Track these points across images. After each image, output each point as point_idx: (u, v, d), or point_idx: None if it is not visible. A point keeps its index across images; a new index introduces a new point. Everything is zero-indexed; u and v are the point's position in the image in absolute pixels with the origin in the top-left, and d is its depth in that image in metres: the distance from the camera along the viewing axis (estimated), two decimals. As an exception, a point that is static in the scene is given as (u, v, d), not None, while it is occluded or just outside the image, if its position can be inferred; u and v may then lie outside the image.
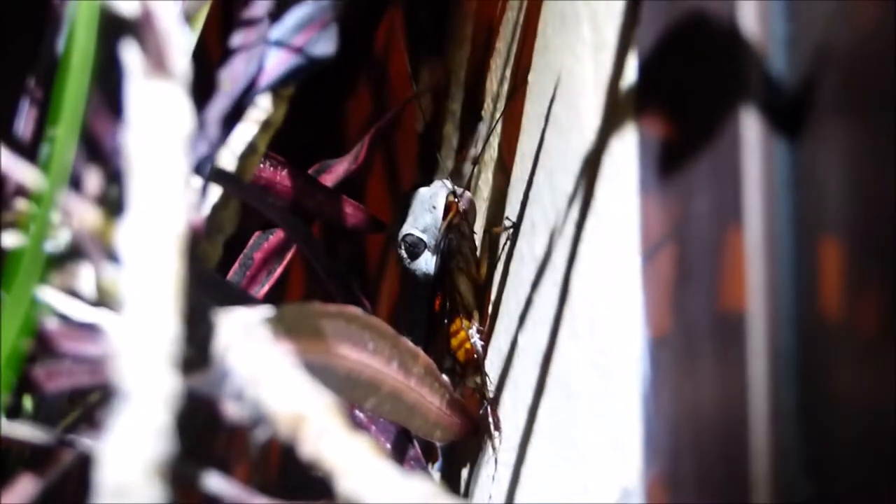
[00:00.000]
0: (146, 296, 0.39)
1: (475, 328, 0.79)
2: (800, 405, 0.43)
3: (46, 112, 0.43)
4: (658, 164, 0.52)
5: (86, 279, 0.46)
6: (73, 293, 0.46)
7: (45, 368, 0.48)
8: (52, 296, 0.46)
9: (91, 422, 0.51)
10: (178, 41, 0.42)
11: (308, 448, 0.41)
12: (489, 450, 0.75)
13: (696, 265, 0.49)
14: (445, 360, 0.79)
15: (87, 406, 0.52)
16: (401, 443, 0.74)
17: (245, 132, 0.57)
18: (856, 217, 0.40)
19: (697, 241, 0.49)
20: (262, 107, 0.57)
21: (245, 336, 0.44)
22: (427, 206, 0.80)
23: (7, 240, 0.46)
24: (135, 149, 0.41)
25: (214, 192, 0.57)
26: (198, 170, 0.51)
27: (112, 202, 0.45)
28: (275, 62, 0.55)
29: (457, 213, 0.80)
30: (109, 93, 0.43)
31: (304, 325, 0.51)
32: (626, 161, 0.55)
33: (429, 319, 0.81)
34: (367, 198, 1.11)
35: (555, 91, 0.68)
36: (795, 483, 0.43)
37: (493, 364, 0.77)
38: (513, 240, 0.75)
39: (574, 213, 0.62)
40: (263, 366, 0.43)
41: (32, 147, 0.49)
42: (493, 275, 0.79)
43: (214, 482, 0.45)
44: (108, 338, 0.44)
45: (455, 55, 0.99)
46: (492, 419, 0.75)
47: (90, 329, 0.46)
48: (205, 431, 0.53)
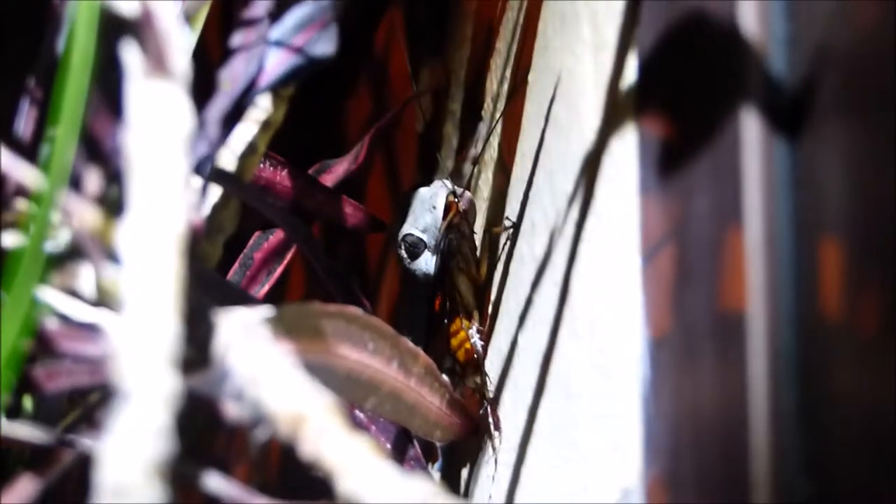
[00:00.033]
0: (146, 296, 0.39)
1: (475, 328, 0.79)
2: (800, 405, 0.43)
3: (46, 112, 0.43)
4: (658, 164, 0.52)
5: (86, 279, 0.46)
6: (73, 293, 0.46)
7: (45, 368, 0.48)
8: (52, 296, 0.46)
9: (91, 422, 0.51)
10: (178, 41, 0.42)
11: (308, 448, 0.41)
12: (489, 450, 0.75)
13: (696, 265, 0.49)
14: (445, 360, 0.79)
15: (87, 406, 0.52)
16: (401, 443, 0.74)
17: (245, 132, 0.57)
18: (856, 217, 0.40)
19: (697, 242, 0.49)
20: (262, 107, 0.57)
21: (245, 336, 0.44)
22: (427, 206, 0.80)
23: (7, 240, 0.46)
24: (135, 149, 0.41)
25: (214, 192, 0.57)
26: (198, 170, 0.51)
27: (112, 202, 0.45)
28: (275, 62, 0.55)
29: (457, 213, 0.79)
30: (109, 93, 0.43)
31: (304, 325, 0.51)
32: (626, 161, 0.55)
33: (429, 319, 0.81)
34: (367, 198, 1.11)
35: (555, 91, 0.68)
36: (795, 483, 0.43)
37: (493, 364, 0.77)
38: (513, 240, 0.75)
39: (574, 214, 0.62)
40: (263, 366, 0.43)
41: (32, 147, 0.49)
42: (493, 275, 0.79)
43: (214, 482, 0.45)
44: (108, 338, 0.44)
45: (455, 55, 0.99)
46: (492, 419, 0.75)
47: (90, 329, 0.46)
48: (205, 431, 0.53)
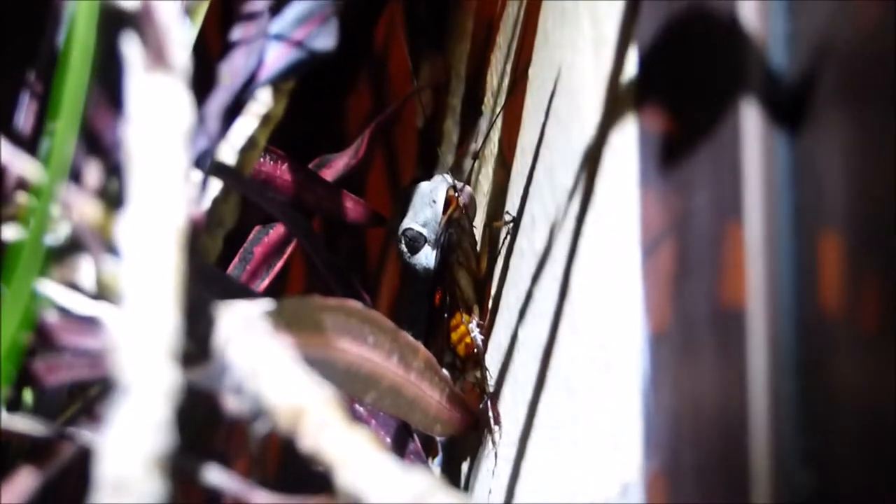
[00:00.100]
0: (146, 289, 0.39)
1: (475, 323, 0.79)
2: (799, 400, 0.43)
3: (47, 106, 0.43)
4: (658, 159, 0.52)
5: (86, 272, 0.46)
6: (73, 286, 0.46)
7: (45, 362, 0.48)
8: (52, 289, 0.46)
9: (91, 415, 0.51)
10: (179, 35, 0.42)
11: (308, 442, 0.41)
12: (489, 444, 0.75)
13: (697, 260, 0.49)
14: (445, 355, 0.79)
15: (87, 399, 0.52)
16: (401, 437, 0.74)
17: (245, 126, 0.57)
18: (856, 212, 0.40)
19: (697, 236, 0.49)
20: (263, 101, 0.57)
21: (245, 330, 0.44)
22: (427, 201, 0.80)
23: (7, 233, 0.46)
24: (135, 142, 0.41)
25: (214, 186, 0.57)
26: (198, 164, 0.51)
27: (112, 196, 0.45)
28: (275, 56, 0.55)
29: (457, 208, 0.79)
30: (109, 87, 0.43)
31: (305, 319, 0.51)
32: (627, 156, 0.55)
33: (429, 314, 0.81)
34: (368, 192, 1.11)
35: (555, 86, 0.68)
36: (795, 478, 0.43)
37: (493, 359, 0.77)
38: (513, 234, 0.75)
39: (574, 208, 0.62)
40: (263, 359, 0.43)
41: (33, 141, 0.49)
42: (494, 269, 0.79)
43: (214, 476, 0.45)
44: (108, 331, 0.44)
45: (455, 50, 0.99)
46: (492, 414, 0.75)
47: (90, 322, 0.46)
48: (205, 425, 0.53)
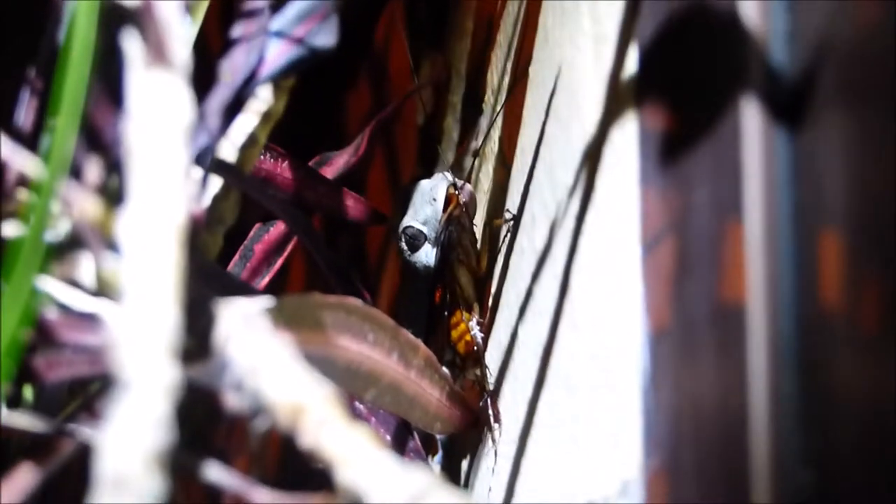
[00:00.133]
0: (146, 286, 0.39)
1: (475, 320, 0.79)
2: (799, 398, 0.43)
3: (47, 102, 0.43)
4: (658, 157, 0.52)
5: (86, 269, 0.46)
6: (73, 283, 0.46)
7: (46, 358, 0.48)
8: (52, 285, 0.46)
9: (91, 412, 0.51)
10: (179, 31, 0.42)
11: (308, 439, 0.41)
12: (489, 442, 0.75)
13: (697, 257, 0.49)
14: (445, 353, 0.79)
15: (88, 396, 0.52)
16: (401, 435, 0.74)
17: (245, 123, 0.57)
18: (856, 209, 0.40)
19: (698, 234, 0.49)
20: (263, 98, 0.57)
21: (245, 327, 0.44)
22: (427, 199, 0.80)
23: (7, 229, 0.46)
24: (135, 139, 0.41)
25: (215, 184, 0.57)
26: (198, 161, 0.51)
27: (112, 192, 0.45)
28: (275, 53, 0.55)
29: (457, 206, 0.79)
30: (110, 83, 0.43)
31: (305, 317, 0.51)
32: (627, 153, 0.55)
33: (429, 311, 0.81)
34: (368, 190, 1.11)
35: (555, 83, 0.68)
36: (795, 475, 0.43)
37: (493, 356, 0.77)
38: (513, 232, 0.75)
39: (574, 206, 0.62)
40: (263, 357, 0.43)
41: (33, 137, 0.49)
42: (494, 267, 0.79)
43: (214, 473, 0.45)
44: (108, 328, 0.44)
45: (456, 48, 0.99)
46: (492, 411, 0.75)
47: (90, 319, 0.46)
48: (205, 422, 0.53)
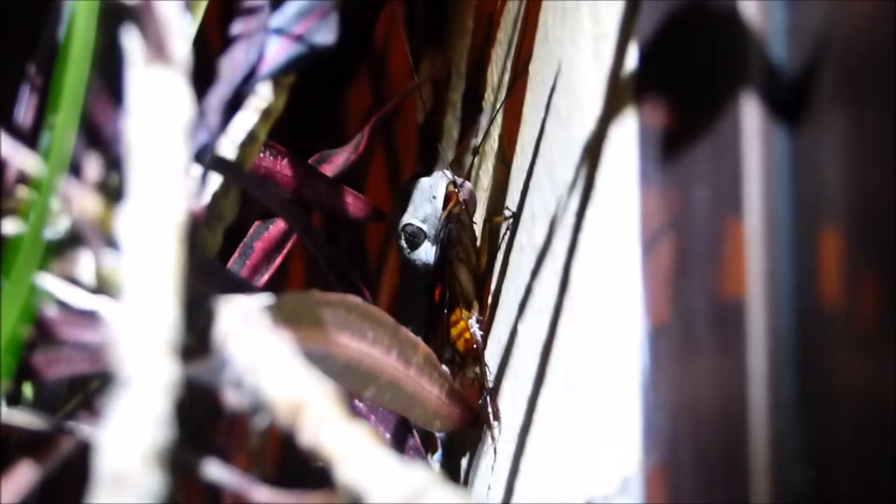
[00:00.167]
0: (146, 283, 0.39)
1: (475, 318, 0.79)
2: (799, 394, 0.43)
3: (47, 99, 0.43)
4: (658, 154, 0.52)
5: (85, 266, 0.46)
6: (73, 280, 0.46)
7: (45, 355, 0.48)
8: (52, 283, 0.46)
9: (91, 409, 0.51)
10: (179, 28, 0.42)
11: (307, 436, 0.41)
12: (489, 440, 0.75)
13: (696, 255, 0.49)
14: (445, 351, 0.79)
15: (87, 393, 0.52)
16: (400, 433, 0.74)
17: (245, 121, 0.57)
18: (855, 206, 0.40)
19: (697, 231, 0.49)
20: (263, 95, 0.57)
21: (245, 324, 0.44)
22: (427, 196, 0.80)
23: (7, 227, 0.46)
24: (135, 136, 0.41)
25: (214, 181, 0.57)
26: (198, 158, 0.51)
27: (112, 189, 0.45)
28: (275, 50, 0.55)
29: (457, 203, 0.79)
30: (110, 80, 0.43)
31: (304, 314, 0.51)
32: (627, 151, 0.55)
33: (428, 309, 0.81)
34: (367, 188, 1.11)
35: (555, 81, 0.68)
36: (794, 471, 0.43)
37: (493, 354, 0.77)
38: (513, 230, 0.75)
39: (574, 203, 0.62)
40: (263, 354, 0.43)
41: (33, 134, 0.49)
42: (493, 265, 0.79)
43: (214, 471, 0.45)
44: (108, 325, 0.44)
45: (456, 45, 0.99)
46: (491, 409, 0.75)
47: (90, 316, 0.46)
48: (204, 420, 0.53)
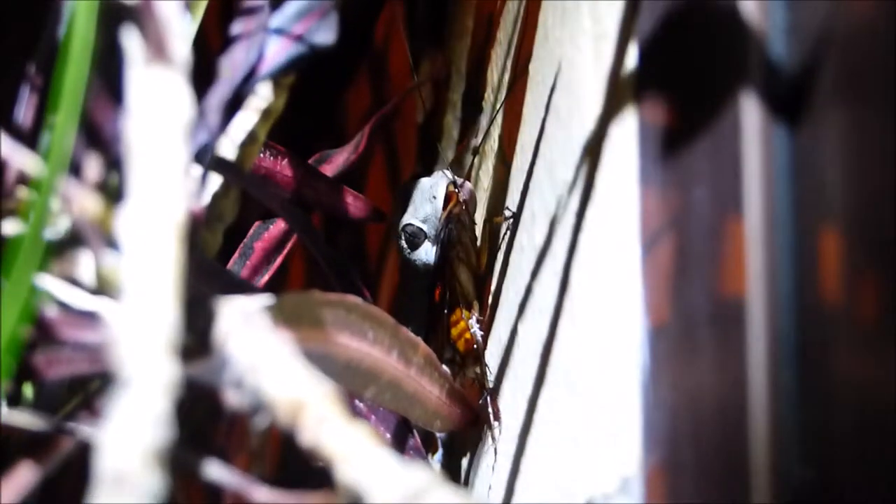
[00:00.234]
0: (146, 283, 0.39)
1: (475, 318, 0.79)
2: (799, 393, 0.43)
3: (47, 99, 0.43)
4: (658, 154, 0.52)
5: (85, 266, 0.46)
6: (73, 281, 0.46)
7: (45, 356, 0.48)
8: (52, 283, 0.46)
9: (91, 409, 0.51)
10: (179, 28, 0.42)
11: (308, 436, 0.41)
12: (489, 440, 0.75)
13: (696, 254, 0.49)
14: (445, 351, 0.79)
15: (87, 394, 0.52)
16: (400, 433, 0.74)
17: (245, 121, 0.57)
18: (855, 204, 0.40)
19: (697, 230, 0.49)
20: (263, 95, 0.57)
21: (245, 324, 0.44)
22: (427, 196, 0.80)
23: (7, 227, 0.46)
24: (135, 136, 0.41)
25: (214, 181, 0.57)
26: (198, 158, 0.51)
27: (112, 189, 0.45)
28: (275, 51, 0.55)
29: (457, 203, 0.79)
30: (110, 80, 0.43)
31: (304, 314, 0.51)
32: (627, 150, 0.55)
33: (429, 309, 0.81)
34: (367, 188, 1.11)
35: (555, 81, 0.68)
36: (794, 470, 0.43)
37: (493, 354, 0.77)
38: (513, 230, 0.75)
39: (574, 203, 0.62)
40: (263, 354, 0.43)
41: (33, 134, 0.49)
42: (494, 265, 0.79)
43: (214, 471, 0.45)
44: (108, 325, 0.44)
45: (456, 45, 0.99)
46: (491, 409, 0.75)
47: (90, 316, 0.46)
48: (205, 420, 0.53)
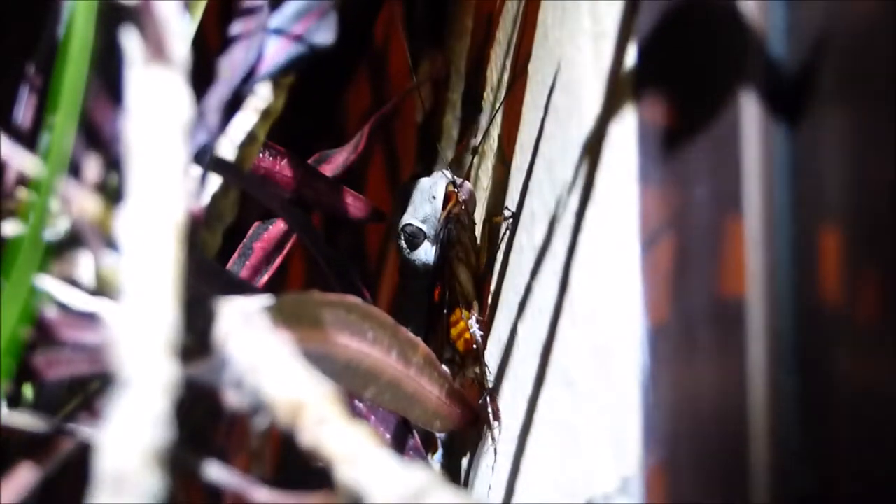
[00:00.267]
0: (145, 284, 0.39)
1: (475, 318, 0.79)
2: (799, 393, 0.43)
3: (46, 100, 0.43)
4: (658, 153, 0.52)
5: (85, 267, 0.46)
6: (73, 281, 0.46)
7: (45, 357, 0.48)
8: (52, 284, 0.46)
9: (91, 410, 0.51)
10: (178, 28, 0.42)
11: (307, 437, 0.41)
12: (489, 440, 0.75)
13: (696, 253, 0.49)
14: (445, 351, 0.79)
15: (87, 394, 0.51)
16: (400, 433, 0.74)
17: (244, 121, 0.57)
18: (855, 204, 0.40)
19: (697, 230, 0.49)
20: (262, 95, 0.57)
21: (245, 325, 0.44)
22: (427, 196, 0.80)
23: (6, 228, 0.46)
24: (134, 136, 0.41)
25: (214, 181, 0.57)
26: (197, 158, 0.51)
27: (111, 190, 0.45)
28: (274, 50, 0.55)
29: (456, 203, 0.79)
30: (109, 80, 0.43)
31: (304, 315, 0.51)
32: (626, 150, 0.55)
33: (428, 309, 0.80)
34: (367, 188, 1.11)
35: (555, 80, 0.68)
36: (794, 470, 0.43)
37: (493, 354, 0.77)
38: (512, 229, 0.75)
39: (574, 202, 0.62)
40: (263, 354, 0.43)
41: (32, 135, 0.49)
42: (493, 265, 0.79)
43: (214, 471, 0.45)
44: (108, 326, 0.44)
45: (455, 45, 0.99)
46: (491, 409, 0.75)
47: (89, 317, 0.46)
48: (204, 420, 0.53)
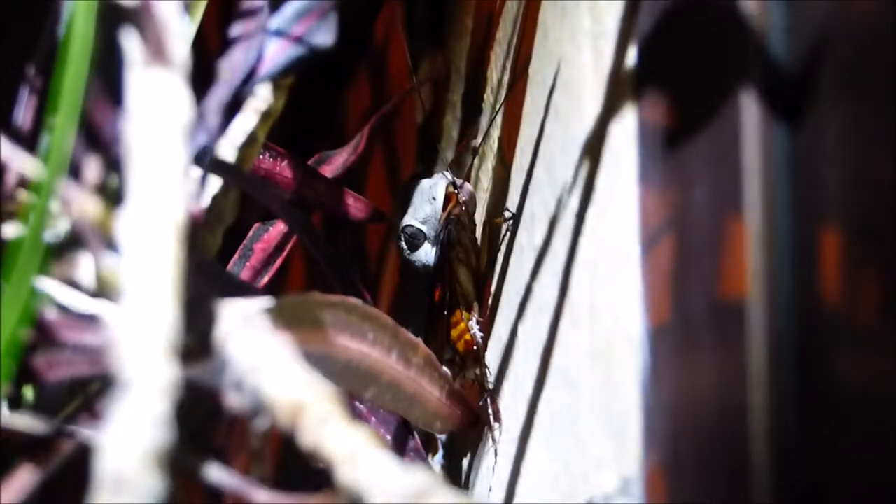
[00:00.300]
0: (146, 285, 0.39)
1: (475, 319, 0.79)
2: (799, 392, 0.43)
3: (46, 101, 0.43)
4: (658, 153, 0.52)
5: (85, 269, 0.46)
6: (73, 283, 0.46)
7: (46, 358, 0.48)
8: (52, 286, 0.46)
9: (91, 411, 0.51)
10: (178, 30, 0.42)
11: (308, 438, 0.41)
12: (489, 441, 0.75)
13: (696, 254, 0.49)
14: (445, 351, 0.79)
15: (87, 396, 0.51)
16: (401, 434, 0.74)
17: (244, 122, 0.57)
18: (855, 204, 0.40)
19: (697, 230, 0.49)
20: (262, 96, 0.57)
21: (245, 326, 0.44)
22: (427, 197, 0.80)
23: (7, 230, 0.46)
24: (134, 138, 0.41)
25: (214, 182, 0.57)
26: (197, 159, 0.51)
27: (111, 191, 0.45)
28: (274, 51, 0.55)
29: (457, 204, 0.79)
30: (109, 81, 0.43)
31: (304, 316, 0.51)
32: (626, 150, 0.55)
33: (428, 310, 0.80)
34: (367, 189, 1.11)
35: (555, 81, 0.68)
36: (794, 469, 0.43)
37: (493, 355, 0.77)
38: (513, 230, 0.75)
39: (574, 203, 0.62)
40: (263, 355, 0.43)
41: (32, 136, 0.49)
42: (493, 265, 0.79)
43: (214, 472, 0.45)
44: (108, 327, 0.44)
45: (455, 46, 0.99)
46: (492, 410, 0.75)
47: (90, 319, 0.46)
48: (205, 421, 0.53)
